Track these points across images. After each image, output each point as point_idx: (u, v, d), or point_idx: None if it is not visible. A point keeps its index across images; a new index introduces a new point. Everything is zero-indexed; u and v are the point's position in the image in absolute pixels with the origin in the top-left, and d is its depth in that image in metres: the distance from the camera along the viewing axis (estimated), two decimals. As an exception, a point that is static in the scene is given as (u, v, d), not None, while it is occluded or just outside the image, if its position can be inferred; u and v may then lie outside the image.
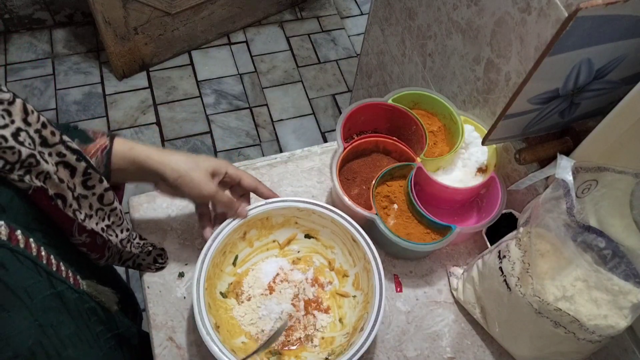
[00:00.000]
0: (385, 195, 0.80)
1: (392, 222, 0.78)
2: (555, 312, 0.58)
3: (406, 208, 0.79)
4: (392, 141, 0.81)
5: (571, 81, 0.62)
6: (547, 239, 0.58)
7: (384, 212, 0.79)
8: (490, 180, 0.80)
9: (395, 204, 0.79)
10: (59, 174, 0.49)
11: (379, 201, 0.79)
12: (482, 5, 0.83)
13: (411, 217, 0.79)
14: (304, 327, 0.72)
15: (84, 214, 0.53)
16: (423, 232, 0.77)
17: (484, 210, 0.81)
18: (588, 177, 0.59)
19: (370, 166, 0.82)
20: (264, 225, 0.75)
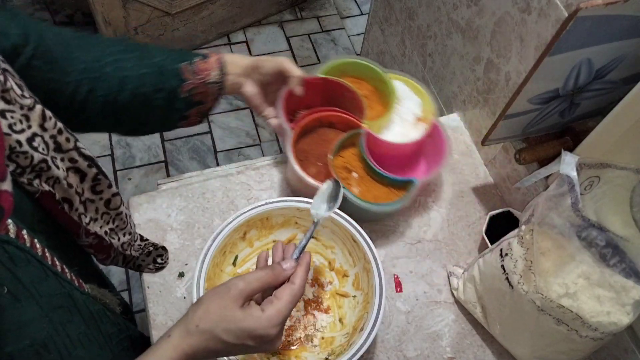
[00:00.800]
0: (342, 167, 0.79)
1: (356, 191, 0.78)
2: (558, 309, 0.58)
3: (365, 174, 0.80)
4: (334, 113, 0.81)
5: (571, 81, 0.62)
6: (550, 236, 0.59)
7: (346, 182, 0.79)
8: (433, 128, 0.82)
9: (354, 172, 0.79)
10: (68, 179, 0.49)
11: (338, 173, 0.78)
12: (482, 5, 0.83)
13: (372, 181, 0.79)
14: (304, 327, 0.72)
15: (89, 218, 0.53)
16: (387, 193, 0.79)
17: (432, 158, 0.83)
18: (591, 173, 0.59)
19: (318, 142, 0.81)
20: (264, 225, 0.75)
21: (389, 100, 0.83)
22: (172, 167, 1.86)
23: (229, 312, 0.48)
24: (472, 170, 0.93)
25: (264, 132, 2.00)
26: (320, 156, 0.80)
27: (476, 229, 0.86)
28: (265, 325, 0.48)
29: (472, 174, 0.93)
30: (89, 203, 0.53)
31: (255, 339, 0.49)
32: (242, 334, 0.48)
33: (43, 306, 0.43)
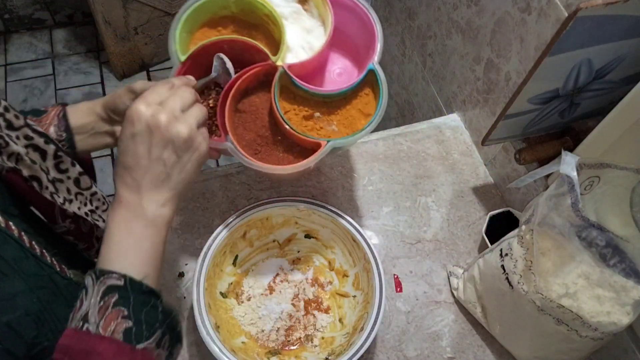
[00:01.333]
0: (302, 118, 0.67)
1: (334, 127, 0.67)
2: (558, 309, 0.58)
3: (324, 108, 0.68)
4: (240, 80, 0.64)
5: (571, 81, 0.62)
6: (550, 236, 0.59)
7: (318, 130, 0.67)
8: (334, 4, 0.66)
9: (316, 113, 0.67)
10: (29, 155, 0.49)
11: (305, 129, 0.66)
12: (482, 5, 0.83)
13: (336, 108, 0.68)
14: (304, 327, 0.72)
15: (62, 198, 0.53)
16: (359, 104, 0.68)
17: (358, 37, 0.71)
18: (591, 173, 0.59)
19: (253, 120, 0.67)
20: (264, 225, 0.75)
21: (260, 15, 0.67)
22: (172, 167, 1.85)
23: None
24: (472, 170, 0.93)
25: (264, 132, 2.00)
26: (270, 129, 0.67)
27: (476, 229, 0.86)
28: (138, 101, 0.47)
29: (472, 174, 0.93)
30: (58, 182, 0.53)
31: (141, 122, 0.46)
32: (129, 125, 0.46)
33: (29, 283, 0.43)
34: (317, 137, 0.64)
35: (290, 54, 0.66)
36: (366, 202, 0.87)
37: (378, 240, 0.83)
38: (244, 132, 0.66)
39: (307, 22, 0.69)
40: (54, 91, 1.99)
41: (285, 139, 0.66)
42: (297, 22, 0.69)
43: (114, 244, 0.46)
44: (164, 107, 0.48)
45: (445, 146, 0.96)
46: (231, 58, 0.66)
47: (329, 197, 0.86)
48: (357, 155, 0.92)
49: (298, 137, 0.64)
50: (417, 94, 1.17)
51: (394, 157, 0.93)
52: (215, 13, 0.67)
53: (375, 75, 0.65)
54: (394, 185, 0.89)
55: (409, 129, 0.98)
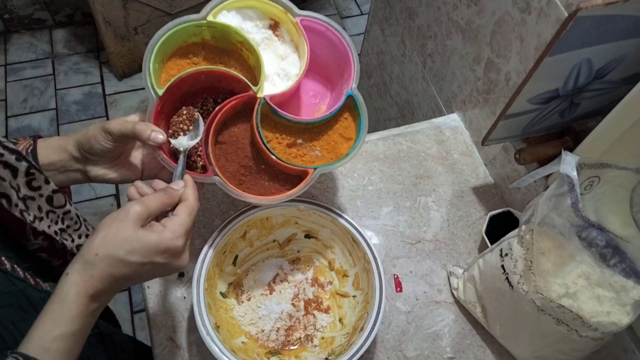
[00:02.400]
0: (286, 146, 0.68)
1: (318, 152, 0.68)
2: (558, 309, 0.58)
3: (306, 135, 0.68)
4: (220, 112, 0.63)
5: (571, 81, 0.63)
6: (550, 236, 0.59)
7: (302, 157, 0.67)
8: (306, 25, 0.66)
9: (298, 140, 0.68)
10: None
11: (290, 157, 0.66)
12: (482, 5, 0.83)
13: (317, 133, 0.69)
14: (304, 327, 0.72)
15: (32, 216, 0.52)
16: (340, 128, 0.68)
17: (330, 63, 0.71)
18: (591, 173, 0.59)
19: (235, 152, 0.66)
20: (264, 225, 0.75)
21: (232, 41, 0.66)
22: (172, 167, 1.86)
23: (130, 233, 0.46)
24: (472, 170, 0.93)
25: (264, 132, 2.00)
26: (252, 159, 0.67)
27: (476, 229, 0.86)
28: (169, 236, 0.48)
29: (472, 174, 0.93)
30: (29, 200, 0.52)
31: (163, 253, 0.47)
32: (148, 251, 0.47)
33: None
34: (303, 165, 0.65)
35: (267, 82, 0.66)
36: (366, 202, 0.87)
37: (378, 240, 0.83)
38: (226, 164, 0.66)
39: (280, 49, 0.68)
40: (54, 91, 1.99)
41: (269, 168, 0.67)
42: (270, 49, 0.68)
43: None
44: (186, 245, 0.50)
45: (445, 146, 0.96)
46: (207, 86, 0.66)
47: (329, 197, 0.86)
48: (357, 155, 0.92)
49: (284, 166, 0.64)
50: (417, 94, 1.17)
51: (394, 157, 0.93)
52: (185, 40, 0.65)
53: (355, 100, 0.66)
54: (394, 185, 0.89)
55: (409, 129, 0.98)
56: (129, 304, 1.57)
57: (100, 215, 1.71)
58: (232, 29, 0.63)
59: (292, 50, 0.69)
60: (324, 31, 0.68)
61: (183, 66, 0.65)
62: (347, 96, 0.66)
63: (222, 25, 0.64)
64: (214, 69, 0.64)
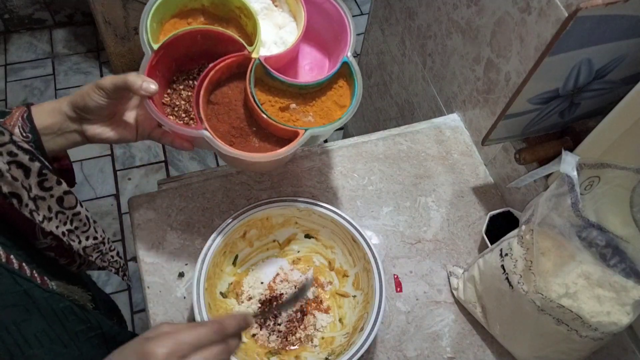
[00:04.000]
0: (278, 109, 0.67)
1: (311, 118, 0.67)
2: (558, 309, 0.58)
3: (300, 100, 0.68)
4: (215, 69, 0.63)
5: (571, 81, 0.62)
6: (550, 236, 0.59)
7: (295, 121, 0.66)
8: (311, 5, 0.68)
9: (292, 104, 0.67)
10: (11, 172, 0.48)
11: (283, 120, 0.65)
12: (482, 5, 0.83)
13: (311, 99, 0.68)
14: (304, 327, 0.72)
15: (42, 216, 0.52)
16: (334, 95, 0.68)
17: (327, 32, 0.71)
18: (591, 173, 0.59)
19: (227, 112, 0.66)
20: (264, 225, 0.75)
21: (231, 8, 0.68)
22: (172, 167, 1.86)
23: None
24: (472, 170, 0.93)
25: (264, 132, 2.00)
26: (245, 120, 0.66)
27: (476, 229, 0.86)
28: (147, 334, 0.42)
29: (472, 174, 0.93)
30: (40, 200, 0.52)
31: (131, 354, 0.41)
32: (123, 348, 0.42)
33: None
34: (294, 126, 0.63)
35: (264, 48, 0.67)
36: (366, 202, 0.87)
37: (378, 240, 0.83)
38: (217, 124, 0.65)
39: (278, 18, 0.70)
40: (54, 91, 1.99)
41: (260, 130, 0.65)
42: (269, 18, 0.69)
43: None
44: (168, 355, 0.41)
45: (445, 146, 0.96)
46: (204, 50, 0.65)
47: (329, 197, 0.86)
48: (357, 155, 0.92)
49: (275, 127, 0.63)
50: (417, 94, 1.17)
51: (394, 157, 0.93)
52: (185, 5, 0.67)
53: (350, 67, 0.66)
54: (394, 185, 0.89)
55: (409, 129, 0.98)
56: (129, 304, 1.57)
57: (100, 215, 1.71)
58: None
59: (290, 20, 0.70)
60: (321, 2, 0.69)
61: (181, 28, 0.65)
62: (342, 63, 0.66)
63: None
64: (210, 29, 0.64)
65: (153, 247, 0.77)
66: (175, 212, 0.81)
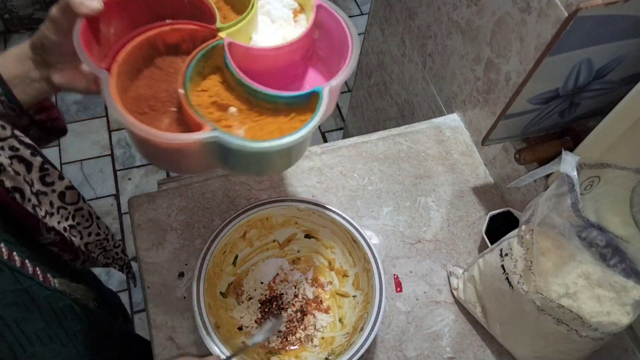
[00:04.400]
0: (210, 103, 0.54)
1: (241, 132, 0.52)
2: (558, 309, 0.58)
3: (247, 106, 0.55)
4: (170, 28, 0.54)
5: (571, 81, 0.63)
6: (550, 236, 0.59)
7: (223, 125, 0.52)
8: (321, 14, 0.58)
9: (230, 107, 0.54)
10: (13, 167, 0.48)
11: (207, 113, 0.52)
12: (482, 5, 0.83)
13: (260, 113, 0.54)
14: (304, 327, 0.72)
15: (44, 211, 0.52)
16: (287, 122, 0.53)
17: (332, 58, 0.60)
18: (591, 173, 0.59)
19: (161, 79, 0.56)
20: (264, 225, 0.75)
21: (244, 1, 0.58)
22: (172, 167, 1.86)
23: None
24: (472, 170, 0.93)
25: (264, 132, 2.00)
26: (171, 99, 0.54)
27: (476, 229, 0.86)
28: None
29: (472, 174, 0.93)
30: (42, 195, 0.52)
31: None
32: None
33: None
34: (204, 119, 0.50)
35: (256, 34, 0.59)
36: (366, 202, 0.87)
37: (378, 240, 0.83)
38: (143, 86, 0.54)
39: (292, 32, 0.61)
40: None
41: (178, 114, 0.54)
42: (281, 31, 0.61)
43: None
44: None
45: (445, 146, 0.96)
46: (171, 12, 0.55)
47: (329, 197, 0.86)
48: (357, 155, 0.92)
49: (185, 111, 0.51)
50: (417, 94, 1.17)
51: (394, 157, 0.93)
52: None
53: (319, 99, 0.52)
54: (394, 185, 0.89)
55: (409, 129, 0.98)
56: (129, 303, 1.57)
57: (100, 215, 1.71)
58: None
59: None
60: (333, 29, 0.59)
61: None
62: (312, 91, 0.52)
63: None
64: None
65: (153, 247, 0.77)
66: (175, 212, 0.81)
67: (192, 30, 0.55)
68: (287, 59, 0.59)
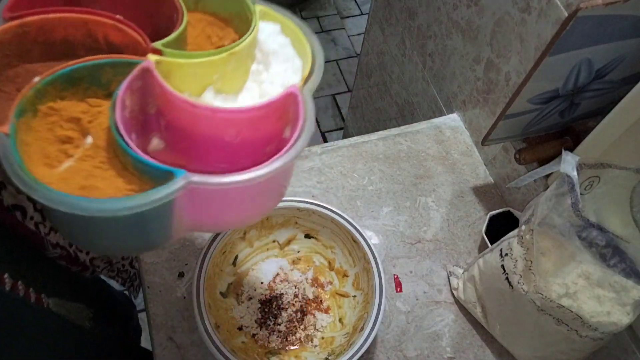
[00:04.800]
0: (73, 118, 0.39)
1: (66, 165, 0.38)
2: (558, 309, 0.58)
3: (112, 145, 0.39)
4: (113, 23, 0.40)
5: (571, 81, 0.63)
6: (550, 236, 0.59)
7: (61, 148, 0.38)
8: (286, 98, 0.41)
9: (89, 136, 0.39)
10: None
11: (56, 128, 0.38)
12: (482, 5, 0.83)
13: (115, 161, 0.39)
14: (304, 327, 0.72)
15: (48, 227, 0.51)
16: (128, 185, 0.38)
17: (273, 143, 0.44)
18: (591, 173, 0.59)
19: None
20: (264, 226, 0.75)
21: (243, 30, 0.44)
22: (172, 167, 1.86)
23: None
24: (472, 170, 0.93)
25: (264, 132, 2.00)
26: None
27: (476, 229, 0.86)
28: None
29: (472, 174, 0.93)
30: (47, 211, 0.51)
31: None
32: None
33: None
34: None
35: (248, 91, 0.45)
36: (366, 202, 0.87)
37: (378, 240, 0.83)
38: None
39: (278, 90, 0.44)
40: (54, 91, 1.99)
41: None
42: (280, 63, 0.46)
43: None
44: None
45: (445, 146, 0.96)
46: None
47: (329, 197, 0.86)
48: (357, 155, 0.92)
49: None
50: (417, 94, 1.17)
51: (394, 157, 0.93)
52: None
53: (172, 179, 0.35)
54: (394, 185, 0.89)
55: (409, 129, 0.98)
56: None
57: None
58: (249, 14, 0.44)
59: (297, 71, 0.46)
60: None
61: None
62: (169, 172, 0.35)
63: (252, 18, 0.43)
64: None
65: (153, 247, 0.77)
66: (175, 212, 0.81)
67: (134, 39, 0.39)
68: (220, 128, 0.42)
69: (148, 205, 0.34)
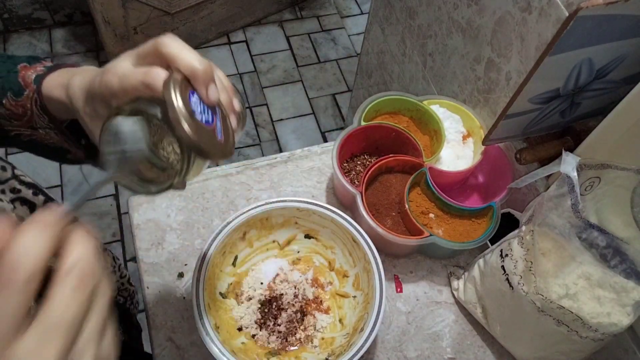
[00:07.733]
0: (419, 212, 0.79)
1: (441, 232, 0.78)
2: (558, 310, 0.58)
3: (441, 212, 0.79)
4: (393, 158, 0.80)
5: (572, 81, 0.62)
6: (551, 237, 0.58)
7: (428, 227, 0.77)
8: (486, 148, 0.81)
9: (430, 214, 0.79)
10: (16, 211, 0.46)
11: (419, 220, 0.77)
12: (482, 4, 0.83)
13: (450, 217, 0.79)
14: (304, 327, 0.72)
15: None
16: (470, 224, 0.79)
17: (491, 176, 0.86)
18: (591, 174, 0.59)
19: (382, 191, 0.81)
20: (264, 226, 0.75)
21: (430, 127, 0.85)
22: (171, 166, 1.85)
23: None
24: (473, 170, 0.93)
25: (263, 132, 2.00)
26: (391, 205, 0.80)
27: (476, 229, 0.86)
28: None
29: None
30: None
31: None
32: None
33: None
34: (424, 228, 0.73)
35: (439, 163, 0.82)
36: (366, 202, 0.86)
37: (378, 240, 0.83)
38: (370, 195, 0.81)
39: (459, 150, 0.84)
40: (53, 91, 1.99)
41: (396, 217, 0.79)
42: (453, 148, 0.84)
43: None
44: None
45: (446, 146, 0.95)
46: (392, 143, 0.83)
47: (329, 197, 0.86)
48: (357, 155, 0.92)
49: (409, 220, 0.75)
50: (418, 93, 1.16)
51: (394, 157, 0.92)
52: (399, 108, 0.88)
53: (494, 211, 0.76)
54: (394, 185, 0.89)
55: (409, 128, 0.97)
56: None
57: (100, 215, 1.71)
58: (435, 117, 0.83)
59: (469, 156, 0.84)
60: (495, 159, 0.83)
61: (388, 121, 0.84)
62: (488, 205, 0.77)
63: (429, 110, 0.84)
64: (404, 132, 0.81)
65: (153, 247, 0.77)
66: (175, 212, 0.81)
67: (406, 160, 0.80)
68: (460, 178, 0.84)
69: (495, 227, 0.78)
